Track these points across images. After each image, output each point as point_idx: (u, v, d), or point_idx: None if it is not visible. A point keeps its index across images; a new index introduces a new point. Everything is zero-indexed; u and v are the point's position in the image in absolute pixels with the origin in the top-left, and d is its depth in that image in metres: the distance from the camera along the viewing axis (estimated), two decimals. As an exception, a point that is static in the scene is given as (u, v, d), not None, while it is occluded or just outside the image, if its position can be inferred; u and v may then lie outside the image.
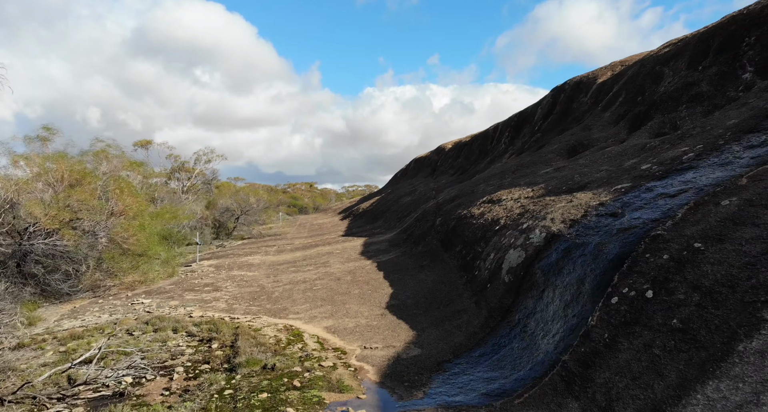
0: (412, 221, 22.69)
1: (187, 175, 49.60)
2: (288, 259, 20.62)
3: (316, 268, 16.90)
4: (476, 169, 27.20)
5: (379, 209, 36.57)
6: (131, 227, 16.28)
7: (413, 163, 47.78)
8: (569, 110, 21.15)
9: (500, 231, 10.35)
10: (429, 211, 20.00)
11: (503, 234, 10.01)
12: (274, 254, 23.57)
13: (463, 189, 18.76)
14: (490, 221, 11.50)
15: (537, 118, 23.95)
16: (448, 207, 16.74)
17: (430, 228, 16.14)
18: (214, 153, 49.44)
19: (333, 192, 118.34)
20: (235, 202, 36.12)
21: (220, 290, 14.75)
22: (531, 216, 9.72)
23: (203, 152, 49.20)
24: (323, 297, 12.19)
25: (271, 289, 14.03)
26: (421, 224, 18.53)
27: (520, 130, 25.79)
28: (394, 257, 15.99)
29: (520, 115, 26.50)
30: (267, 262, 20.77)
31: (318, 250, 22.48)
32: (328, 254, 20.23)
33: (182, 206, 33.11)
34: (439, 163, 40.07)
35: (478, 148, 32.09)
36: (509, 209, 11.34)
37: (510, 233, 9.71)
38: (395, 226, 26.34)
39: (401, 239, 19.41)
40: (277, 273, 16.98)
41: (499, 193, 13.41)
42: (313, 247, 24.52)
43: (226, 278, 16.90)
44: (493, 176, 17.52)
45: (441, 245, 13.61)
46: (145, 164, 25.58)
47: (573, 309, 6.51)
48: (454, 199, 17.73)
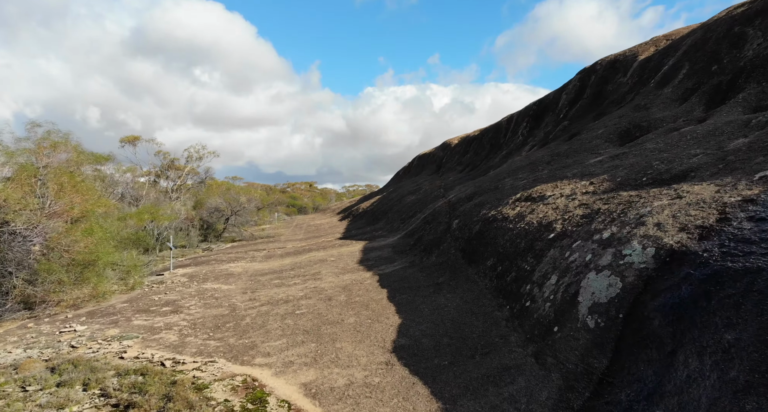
0: (419, 222, 19.38)
1: (177, 173, 46.39)
2: (275, 267, 17.36)
3: (304, 281, 13.62)
4: (490, 165, 23.86)
5: (380, 209, 33.27)
6: (74, 231, 12.97)
7: (416, 160, 44.46)
8: (603, 93, 17.82)
9: (558, 241, 7.02)
10: (440, 211, 16.68)
11: (567, 246, 6.67)
12: (260, 261, 20.28)
13: (482, 185, 15.43)
14: (536, 225, 8.16)
15: (562, 105, 20.62)
16: (466, 206, 13.41)
17: (445, 232, 12.81)
18: (205, 150, 46.19)
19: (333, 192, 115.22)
20: (225, 202, 32.82)
21: (180, 312, 11.47)
22: (609, 219, 6.41)
23: (194, 149, 46.00)
24: (307, 328, 8.89)
25: (244, 311, 10.76)
26: (431, 226, 15.20)
27: (540, 119, 22.46)
28: (399, 269, 12.71)
29: (540, 104, 23.17)
30: (250, 271, 17.50)
31: (310, 256, 19.19)
32: (321, 261, 16.96)
33: (164, 205, 29.77)
34: (445, 159, 36.74)
35: (489, 143, 28.77)
36: (563, 208, 8.02)
37: (579, 244, 6.37)
38: (399, 228, 23.01)
39: (407, 244, 16.11)
40: (257, 287, 13.70)
41: (540, 188, 10.07)
42: (306, 252, 21.22)
43: (195, 293, 13.61)
44: (518, 169, 14.18)
45: (463, 256, 10.28)
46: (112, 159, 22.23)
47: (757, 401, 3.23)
48: (472, 196, 14.40)
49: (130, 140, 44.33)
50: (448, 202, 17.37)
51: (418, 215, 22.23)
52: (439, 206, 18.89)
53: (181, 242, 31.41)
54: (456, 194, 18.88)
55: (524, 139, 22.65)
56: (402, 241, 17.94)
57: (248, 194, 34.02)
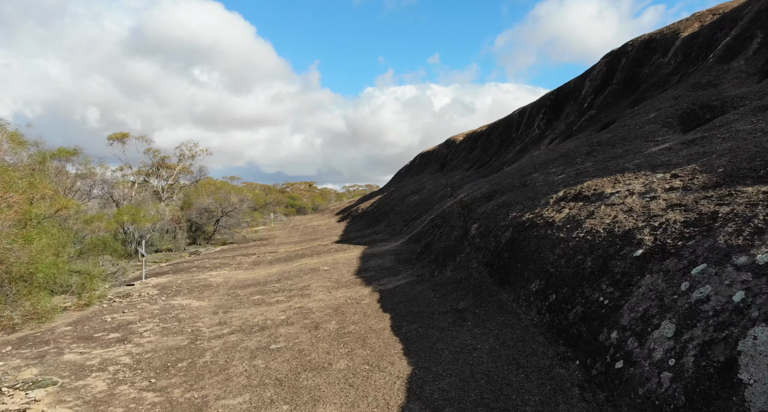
0: (425, 225, 16.89)
1: (169, 172, 43.93)
2: (260, 277, 14.87)
3: (289, 298, 11.12)
4: (502, 160, 21.34)
5: (381, 209, 30.77)
6: (8, 237, 10.46)
7: (419, 158, 41.92)
8: (638, 76, 15.30)
9: (656, 262, 4.50)
10: (451, 212, 14.17)
11: (677, 272, 4.15)
12: (246, 268, 17.78)
13: (501, 182, 12.91)
14: (605, 235, 5.64)
15: (586, 94, 18.11)
16: (486, 207, 10.89)
17: (461, 239, 10.28)
18: (197, 147, 43.72)
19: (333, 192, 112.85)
20: (215, 202, 30.31)
21: (129, 341, 8.98)
22: (747, 230, 3.94)
23: (187, 147, 43.52)
24: (281, 375, 6.33)
25: (206, 343, 8.22)
26: (442, 231, 12.66)
27: (559, 110, 19.94)
28: (405, 284, 10.19)
29: (559, 93, 20.64)
30: (231, 281, 15.01)
31: (302, 263, 16.69)
32: (313, 271, 14.47)
33: (148, 206, 27.27)
34: (450, 157, 34.22)
35: (499, 138, 26.25)
36: (643, 211, 5.50)
37: (706, 271, 3.86)
38: (402, 231, 20.51)
39: (413, 251, 13.61)
40: (233, 305, 11.21)
41: (591, 183, 7.55)
42: (298, 258, 18.71)
43: (159, 311, 11.12)
44: (547, 163, 11.67)
45: (490, 273, 7.76)
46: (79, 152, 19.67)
47: None
48: (491, 195, 11.88)
49: (118, 138, 41.82)
50: (460, 203, 14.85)
51: (424, 217, 19.72)
52: (449, 206, 16.38)
53: (167, 245, 28.96)
54: (468, 193, 16.36)
55: (541, 132, 20.13)
56: (406, 247, 15.42)
57: (240, 194, 31.51)
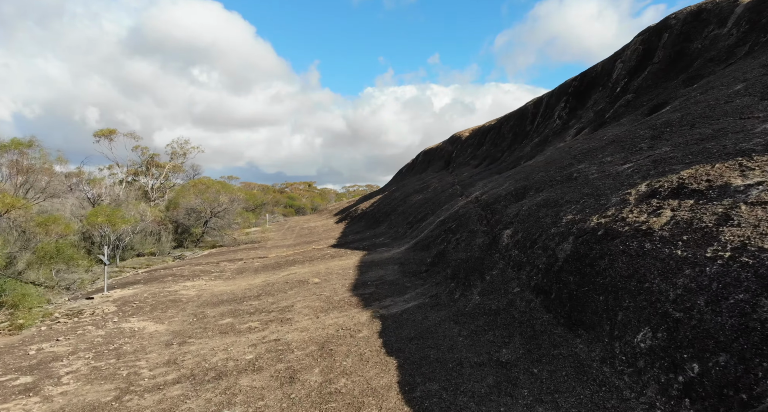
0: (433, 228, 14.38)
1: (160, 171, 41.42)
2: (238, 290, 12.35)
3: (264, 324, 8.58)
4: (518, 155, 18.81)
5: (381, 210, 28.25)
6: None
7: (422, 155, 39.38)
8: (687, 52, 12.78)
9: None
10: (468, 214, 11.64)
11: None
12: (227, 278, 15.27)
13: (531, 177, 10.37)
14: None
15: (618, 77, 15.57)
16: (519, 209, 8.36)
17: (489, 249, 7.75)
18: (189, 144, 41.22)
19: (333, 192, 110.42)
20: (203, 202, 27.78)
21: (36, 392, 6.40)
22: None
23: (177, 144, 41.01)
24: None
25: (138, 399, 5.54)
26: (459, 237, 10.10)
27: (584, 97, 17.41)
28: (415, 309, 7.65)
29: (582, 79, 18.10)
30: (204, 295, 12.52)
31: (290, 273, 14.18)
32: (301, 283, 11.97)
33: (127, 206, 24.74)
34: (455, 154, 31.68)
35: (511, 131, 23.72)
36: None
37: None
38: (405, 234, 17.98)
39: (421, 261, 11.09)
40: (195, 331, 8.68)
41: (694, 172, 5.03)
42: (287, 266, 16.19)
43: (102, 340, 8.57)
44: (592, 152, 9.14)
45: (547, 304, 5.22)
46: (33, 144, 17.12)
47: None
48: (522, 193, 9.36)
49: (105, 134, 39.30)
50: (477, 202, 12.32)
51: (430, 218, 17.20)
52: (462, 206, 13.85)
53: (150, 248, 26.46)
54: (483, 191, 13.83)
55: (564, 122, 17.60)
56: (412, 255, 12.89)
57: (231, 193, 28.98)
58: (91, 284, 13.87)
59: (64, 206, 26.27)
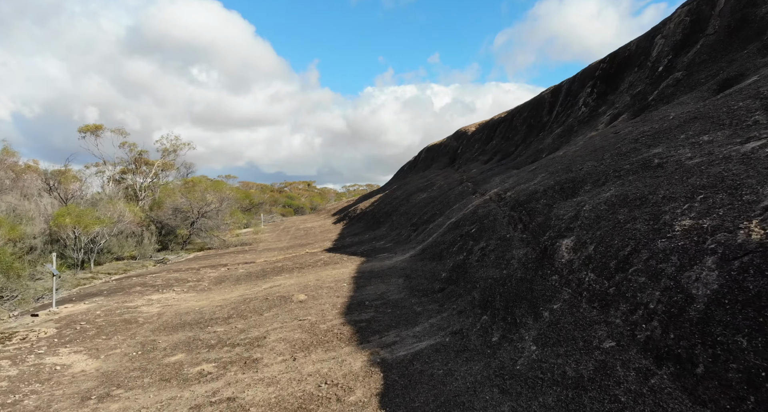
0: (444, 231, 12.01)
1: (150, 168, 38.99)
2: (208, 308, 9.92)
3: (223, 366, 6.17)
4: (537, 148, 16.41)
5: (382, 209, 25.87)
6: None
7: (424, 152, 36.96)
8: (752, 19, 10.41)
9: None
10: (489, 215, 9.24)
11: None
12: (201, 290, 12.91)
13: (574, 168, 7.99)
14: None
15: (660, 54, 13.18)
16: (576, 210, 5.98)
17: (539, 267, 5.38)
18: (179, 140, 38.77)
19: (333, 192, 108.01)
20: (188, 201, 25.38)
21: None
22: None
23: (167, 139, 38.57)
24: None
25: None
26: (484, 246, 7.69)
27: (616, 80, 15.01)
28: (432, 353, 5.25)
29: (613, 60, 15.67)
30: (166, 314, 10.15)
31: (274, 285, 11.82)
32: (284, 301, 9.58)
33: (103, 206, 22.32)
34: (461, 149, 29.29)
35: (525, 123, 21.32)
36: None
37: None
38: (410, 238, 15.60)
39: (433, 275, 8.69)
40: (131, 374, 6.28)
41: None
42: (273, 275, 13.82)
43: (5, 387, 6.27)
44: (664, 133, 6.75)
45: (694, 392, 2.91)
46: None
47: None
48: (571, 189, 6.99)
49: (91, 130, 36.84)
50: (501, 201, 9.93)
51: (439, 220, 14.80)
52: (479, 206, 11.46)
53: (130, 251, 24.09)
54: (505, 187, 11.43)
55: (592, 109, 15.19)
56: (420, 264, 10.52)
57: (221, 192, 26.59)
58: (19, 302, 11.45)
59: (38, 206, 23.92)
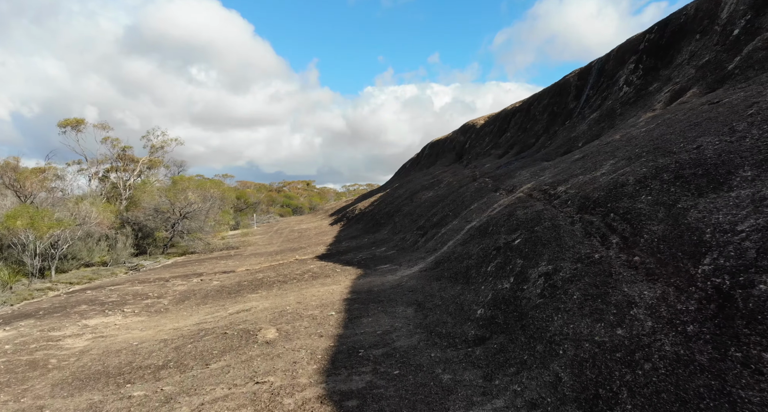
0: (462, 238, 9.17)
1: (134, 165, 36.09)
2: (150, 343, 7.10)
3: None
4: (570, 136, 13.55)
5: (383, 210, 23.02)
6: None
7: (428, 148, 34.12)
8: None
9: None
10: (538, 219, 6.42)
11: None
12: (156, 311, 10.06)
13: (673, 148, 5.19)
14: None
15: (732, 15, 10.28)
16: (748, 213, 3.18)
17: (719, 335, 2.60)
18: (166, 136, 35.92)
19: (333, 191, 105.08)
20: (168, 201, 22.52)
21: None
22: None
23: (153, 135, 35.70)
24: None
25: None
26: (549, 270, 4.87)
27: (671, 51, 12.14)
28: None
29: (664, 30, 12.81)
30: (90, 353, 7.31)
31: (243, 308, 8.97)
32: (245, 339, 6.72)
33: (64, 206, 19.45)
34: (469, 144, 26.43)
35: (546, 111, 18.47)
36: None
37: None
38: (417, 245, 12.76)
39: (458, 305, 5.89)
40: None
41: None
42: (248, 292, 10.98)
43: None
44: None
45: None
46: None
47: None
48: (708, 180, 4.20)
49: (71, 124, 33.96)
50: (549, 199, 7.09)
51: (454, 223, 11.93)
52: (514, 206, 8.59)
53: (102, 256, 21.24)
54: (547, 182, 8.58)
55: (638, 88, 12.34)
56: (436, 286, 7.69)
57: (204, 190, 23.74)
58: None
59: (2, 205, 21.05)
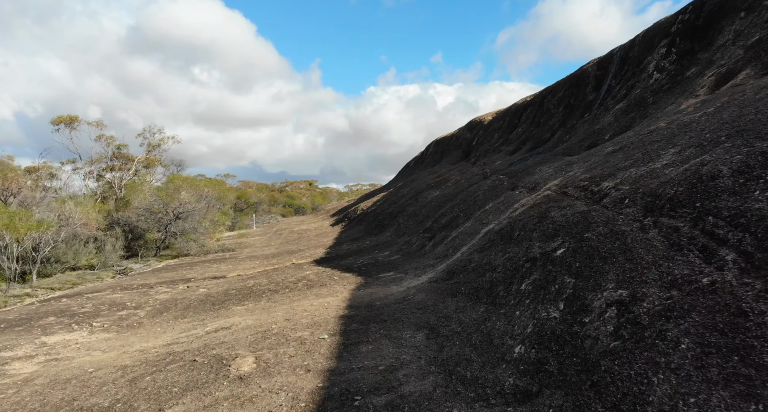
0: (479, 244, 7.83)
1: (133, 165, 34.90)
2: (105, 372, 5.78)
3: None
4: (593, 129, 12.17)
5: (386, 210, 21.67)
6: None
7: (433, 146, 32.76)
8: None
9: None
10: (590, 223, 5.06)
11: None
12: (126, 326, 8.77)
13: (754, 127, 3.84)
14: None
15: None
16: None
17: None
18: (163, 133, 34.74)
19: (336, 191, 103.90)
20: (159, 201, 21.26)
21: None
22: None
23: (149, 133, 34.51)
24: None
25: None
26: (616, 298, 3.53)
27: (710, 33, 10.73)
28: None
29: (701, 8, 11.38)
30: (28, 388, 5.97)
31: (222, 326, 7.67)
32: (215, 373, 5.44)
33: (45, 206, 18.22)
34: (477, 141, 25.05)
35: (563, 104, 17.08)
36: None
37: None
38: (424, 250, 11.43)
39: (488, 339, 4.57)
40: None
41: None
42: (234, 303, 9.67)
43: None
44: None
45: None
46: None
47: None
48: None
49: (65, 122, 32.82)
50: (596, 199, 5.73)
51: (466, 225, 10.57)
52: (544, 207, 7.23)
53: (89, 259, 20.01)
54: (575, 178, 7.22)
55: (671, 74, 10.95)
56: (451, 303, 6.34)
57: (197, 189, 22.48)
58: None
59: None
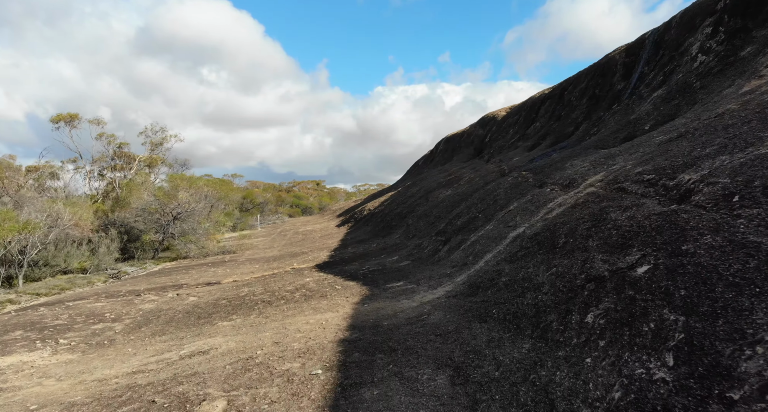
0: (513, 252, 6.53)
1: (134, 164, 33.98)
2: (55, 404, 4.65)
3: None
4: (629, 119, 10.77)
5: (394, 210, 20.38)
6: None
7: (443, 143, 31.41)
8: None
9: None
10: (702, 227, 3.83)
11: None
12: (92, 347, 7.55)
13: None
14: None
15: None
16: None
17: None
18: (165, 132, 33.76)
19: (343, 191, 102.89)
20: (157, 201, 20.16)
21: None
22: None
23: (152, 130, 33.56)
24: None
25: None
26: None
27: (764, 10, 9.31)
28: None
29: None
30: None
31: (200, 350, 6.44)
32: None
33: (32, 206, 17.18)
34: (490, 138, 23.67)
35: (586, 96, 15.65)
36: None
37: None
38: (438, 255, 10.12)
39: (551, 401, 3.42)
40: None
41: None
42: (221, 318, 8.44)
43: None
44: None
45: None
46: None
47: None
48: None
49: (65, 120, 31.97)
50: (684, 198, 4.44)
51: (487, 227, 9.23)
52: (597, 206, 5.87)
53: (81, 262, 18.96)
54: (655, 169, 5.86)
55: (722, 55, 9.54)
56: (479, 330, 5.03)
57: (197, 189, 21.37)
58: None
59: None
